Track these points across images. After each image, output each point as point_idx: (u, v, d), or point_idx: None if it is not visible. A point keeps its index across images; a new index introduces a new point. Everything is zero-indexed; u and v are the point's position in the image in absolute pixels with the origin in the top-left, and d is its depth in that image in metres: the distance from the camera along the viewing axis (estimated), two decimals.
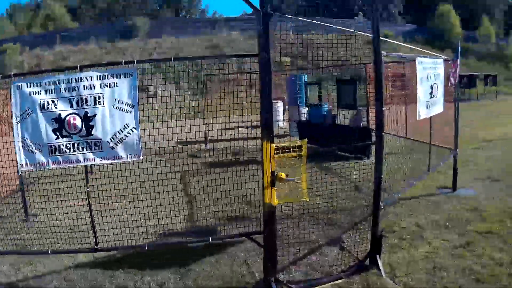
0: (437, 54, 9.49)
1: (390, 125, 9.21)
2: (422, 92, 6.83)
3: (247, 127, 19.32)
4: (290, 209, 7.04)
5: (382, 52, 5.21)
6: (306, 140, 4.92)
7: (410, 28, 54.88)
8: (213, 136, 12.87)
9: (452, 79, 8.36)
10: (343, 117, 13.95)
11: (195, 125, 7.39)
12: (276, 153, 4.84)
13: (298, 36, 5.83)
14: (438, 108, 7.75)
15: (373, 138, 5.53)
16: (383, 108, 5.23)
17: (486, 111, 26.14)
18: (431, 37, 49.35)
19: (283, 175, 4.87)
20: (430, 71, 7.16)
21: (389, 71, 7.70)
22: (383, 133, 5.34)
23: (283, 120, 19.87)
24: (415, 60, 6.96)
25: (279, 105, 20.58)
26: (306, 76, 17.09)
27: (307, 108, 15.90)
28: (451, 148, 9.39)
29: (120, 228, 6.30)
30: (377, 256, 5.72)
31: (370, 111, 12.52)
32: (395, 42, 14.52)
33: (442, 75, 7.77)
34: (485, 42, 51.17)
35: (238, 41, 43.06)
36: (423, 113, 7.04)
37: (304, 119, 15.99)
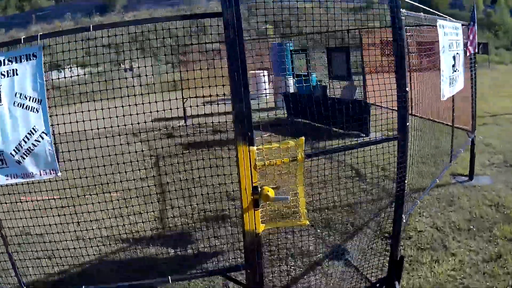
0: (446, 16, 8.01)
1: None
2: (445, 64, 5.19)
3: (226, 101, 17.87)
4: None
5: (402, 10, 3.73)
6: (303, 139, 3.38)
7: None
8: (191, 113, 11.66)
9: (470, 47, 6.88)
10: (335, 89, 12.55)
11: (170, 100, 6.03)
12: (259, 159, 3.37)
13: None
14: (460, 83, 6.21)
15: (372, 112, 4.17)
16: (406, 89, 3.72)
17: (481, 82, 25.05)
18: (417, 2, 47.85)
19: (271, 192, 3.34)
20: (452, 38, 5.61)
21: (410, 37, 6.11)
22: (407, 131, 3.84)
23: (267, 93, 18.43)
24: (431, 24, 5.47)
25: (264, 76, 19.04)
26: (291, 44, 15.42)
27: (294, 79, 14.41)
28: (468, 129, 8.01)
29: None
30: (396, 282, 4.35)
31: (366, 82, 11.07)
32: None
33: (462, 43, 6.28)
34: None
35: (215, 9, 41.36)
36: (447, 91, 5.45)
37: (291, 91, 14.53)
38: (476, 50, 7.33)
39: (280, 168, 3.38)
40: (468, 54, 7.05)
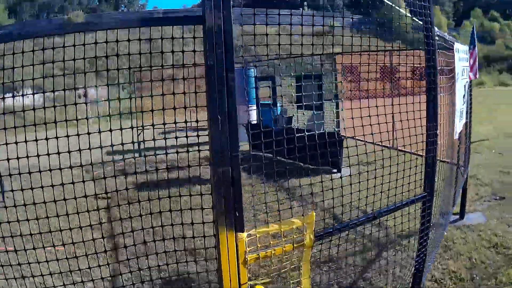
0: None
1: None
2: (458, 95, 4.35)
3: (189, 129, 16.91)
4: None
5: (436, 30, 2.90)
6: (313, 215, 2.39)
7: (358, 19, 54.19)
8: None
9: (471, 73, 6.17)
10: (303, 119, 11.77)
11: (121, 129, 5.15)
12: (251, 250, 2.38)
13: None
14: (464, 117, 5.42)
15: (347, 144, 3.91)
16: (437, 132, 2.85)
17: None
18: (379, 28, 48.43)
19: None
20: (464, 64, 4.83)
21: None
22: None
23: None
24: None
25: None
26: (254, 70, 14.52)
27: (257, 109, 13.54)
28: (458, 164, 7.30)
29: None
30: None
31: (340, 111, 10.25)
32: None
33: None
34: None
35: (175, 35, 40.70)
36: (459, 127, 4.63)
37: (254, 121, 13.65)
38: (477, 76, 6.64)
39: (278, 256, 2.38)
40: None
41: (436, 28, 3.26)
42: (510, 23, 68.93)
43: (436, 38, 3.08)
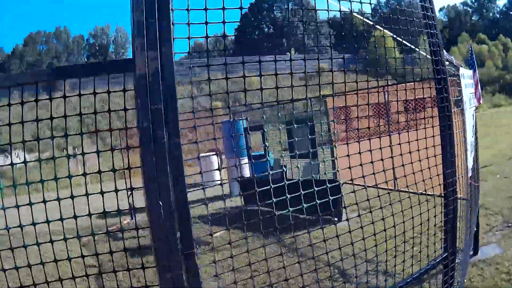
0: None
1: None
2: (468, 126, 3.91)
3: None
4: None
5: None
6: None
7: (346, 58, 54.74)
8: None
9: (475, 99, 5.79)
10: (297, 168, 11.28)
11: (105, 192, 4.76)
12: None
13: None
14: (474, 149, 4.98)
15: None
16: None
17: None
18: (368, 64, 48.98)
19: None
20: (471, 91, 4.42)
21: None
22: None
23: (221, 180, 17.01)
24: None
25: (213, 160, 17.62)
26: (244, 121, 14.12)
27: (249, 161, 13.09)
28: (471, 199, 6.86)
29: None
30: None
31: (336, 156, 9.79)
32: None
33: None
34: (424, 62, 52.68)
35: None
36: (470, 162, 4.16)
37: (247, 174, 13.17)
38: (481, 102, 6.25)
39: None
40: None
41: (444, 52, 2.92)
42: (498, 42, 69.98)
43: (446, 62, 2.68)
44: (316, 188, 3.54)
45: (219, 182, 16.26)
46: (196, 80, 2.78)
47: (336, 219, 8.90)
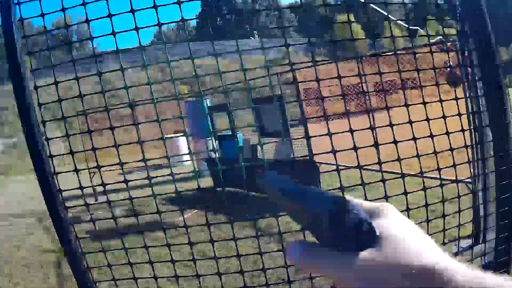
0: None
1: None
2: None
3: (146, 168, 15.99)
4: None
5: None
6: None
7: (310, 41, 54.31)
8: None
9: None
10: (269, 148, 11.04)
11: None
12: None
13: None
14: None
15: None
16: None
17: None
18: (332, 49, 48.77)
19: None
20: None
21: None
22: None
23: (188, 160, 16.66)
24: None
25: (180, 141, 17.27)
26: (208, 100, 13.78)
27: (215, 141, 12.79)
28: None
29: None
30: None
31: (309, 135, 9.54)
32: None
33: None
34: (393, 46, 52.12)
35: (128, 74, 39.89)
36: None
37: (215, 154, 12.88)
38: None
39: None
40: None
41: None
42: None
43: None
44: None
45: (187, 160, 15.93)
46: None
47: None
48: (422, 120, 2.99)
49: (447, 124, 3.08)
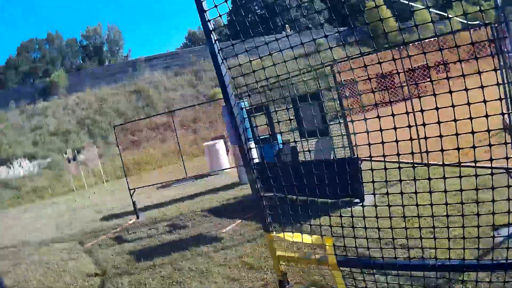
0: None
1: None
2: None
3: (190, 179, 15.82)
4: None
5: None
6: (330, 240, 2.77)
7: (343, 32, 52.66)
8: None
9: None
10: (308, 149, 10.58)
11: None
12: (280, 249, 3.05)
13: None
14: None
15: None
16: None
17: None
18: (365, 36, 47.57)
19: None
20: None
21: None
22: None
23: (229, 168, 16.33)
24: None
25: (219, 146, 17.01)
26: (245, 102, 13.31)
27: (256, 145, 12.38)
28: None
29: None
30: None
31: (350, 133, 9.07)
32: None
33: None
34: (423, 30, 50.28)
35: (162, 81, 40.01)
36: None
37: (256, 159, 12.49)
38: None
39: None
40: None
41: None
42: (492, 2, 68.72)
43: None
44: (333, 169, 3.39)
45: (227, 168, 15.61)
46: None
47: (357, 200, 8.31)
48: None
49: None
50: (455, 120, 2.76)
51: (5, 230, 16.67)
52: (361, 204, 7.82)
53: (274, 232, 3.30)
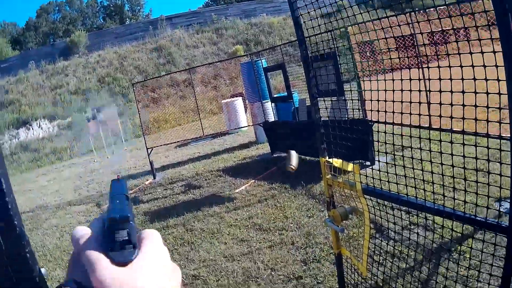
0: None
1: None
2: None
3: (206, 138, 16.03)
4: None
5: None
6: (357, 166, 3.19)
7: None
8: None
9: None
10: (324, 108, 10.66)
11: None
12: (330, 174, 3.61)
13: None
14: None
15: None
16: None
17: None
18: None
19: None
20: None
21: None
22: None
23: (246, 126, 16.50)
24: None
25: (237, 104, 17.13)
26: (264, 61, 13.34)
27: (272, 104, 12.52)
28: None
29: None
30: None
31: (364, 95, 9.09)
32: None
33: None
34: None
35: (183, 38, 40.08)
36: None
37: (271, 118, 12.67)
38: None
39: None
40: None
41: None
42: None
43: None
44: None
45: (244, 127, 15.78)
46: None
47: (368, 163, 8.44)
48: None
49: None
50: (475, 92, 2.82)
51: (22, 194, 17.05)
52: (371, 167, 8.04)
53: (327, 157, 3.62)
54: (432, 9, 3.60)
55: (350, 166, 3.32)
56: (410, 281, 4.03)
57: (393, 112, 3.29)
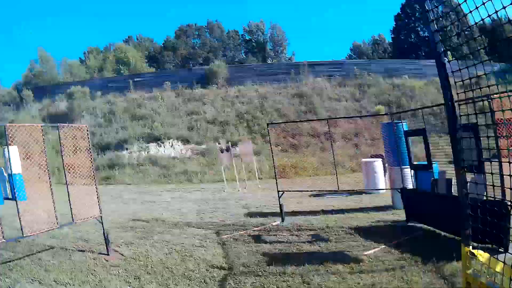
0: None
1: None
2: None
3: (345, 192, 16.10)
4: None
5: None
6: None
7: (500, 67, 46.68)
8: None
9: None
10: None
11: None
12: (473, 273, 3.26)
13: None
14: None
15: None
16: None
17: None
18: None
19: None
20: None
21: None
22: None
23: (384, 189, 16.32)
24: None
25: (377, 165, 17.12)
26: (405, 124, 13.26)
27: (412, 171, 12.42)
28: None
29: None
30: None
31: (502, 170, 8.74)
32: None
33: None
34: None
35: (325, 88, 40.60)
36: None
37: (409, 185, 12.53)
38: None
39: None
40: None
41: None
42: None
43: None
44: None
45: (382, 189, 15.64)
46: None
47: (502, 249, 8.02)
48: None
49: None
50: None
51: (142, 204, 17.82)
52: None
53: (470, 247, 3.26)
54: None
55: (499, 266, 2.94)
56: None
57: None
